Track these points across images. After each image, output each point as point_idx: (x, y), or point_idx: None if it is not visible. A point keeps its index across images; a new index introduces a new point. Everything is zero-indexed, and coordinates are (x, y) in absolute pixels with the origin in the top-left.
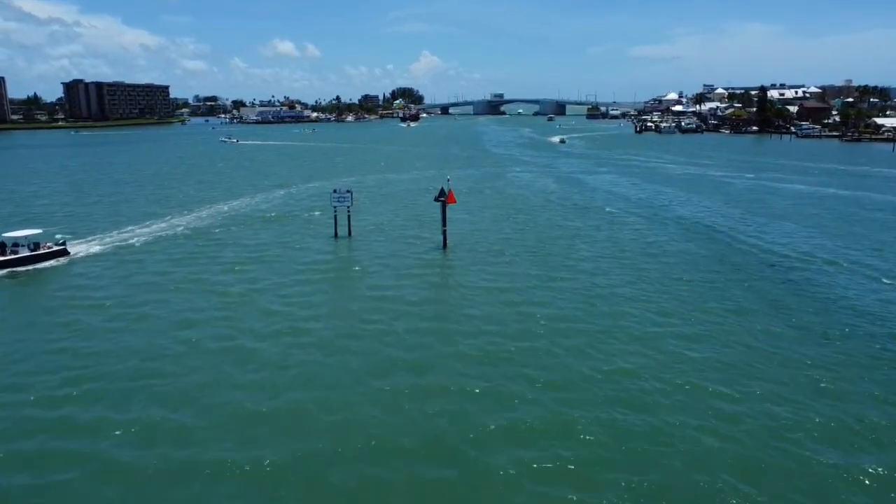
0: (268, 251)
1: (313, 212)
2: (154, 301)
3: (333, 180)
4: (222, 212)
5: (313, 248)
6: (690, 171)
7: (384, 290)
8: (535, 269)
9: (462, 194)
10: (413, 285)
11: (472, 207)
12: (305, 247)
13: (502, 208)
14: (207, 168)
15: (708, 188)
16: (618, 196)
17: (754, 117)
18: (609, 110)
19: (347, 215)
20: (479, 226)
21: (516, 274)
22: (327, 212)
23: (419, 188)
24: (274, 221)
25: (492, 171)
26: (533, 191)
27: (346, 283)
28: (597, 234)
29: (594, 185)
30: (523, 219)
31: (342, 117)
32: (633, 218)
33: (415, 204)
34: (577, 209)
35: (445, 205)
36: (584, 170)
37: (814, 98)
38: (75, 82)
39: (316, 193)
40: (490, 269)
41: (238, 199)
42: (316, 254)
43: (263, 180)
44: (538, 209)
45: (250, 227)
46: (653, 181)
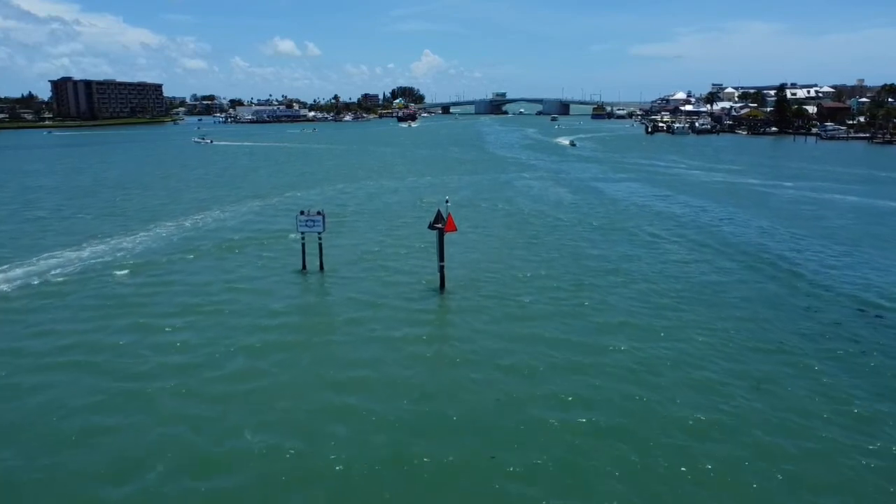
0: (215, 296)
1: (287, 234)
2: (15, 386)
3: (318, 189)
4: (179, 232)
5: (274, 291)
6: (718, 179)
7: (355, 369)
8: (563, 328)
9: (463, 208)
10: (396, 361)
11: (475, 226)
12: (264, 289)
13: (511, 228)
14: (178, 174)
15: (748, 201)
16: (647, 211)
17: (772, 117)
18: (615, 110)
19: (319, 243)
20: (484, 254)
21: (539, 338)
22: None
23: (414, 199)
24: (235, 248)
25: (497, 177)
26: (546, 203)
27: (303, 356)
28: (634, 269)
29: (615, 195)
30: (539, 244)
31: (340, 117)
32: (672, 244)
33: (406, 222)
34: (602, 230)
35: (443, 233)
36: (600, 177)
37: (827, 97)
38: (63, 80)
39: (294, 206)
40: (502, 330)
41: (203, 212)
42: (276, 300)
43: (238, 190)
44: (555, 229)
45: (205, 255)
46: (681, 191)
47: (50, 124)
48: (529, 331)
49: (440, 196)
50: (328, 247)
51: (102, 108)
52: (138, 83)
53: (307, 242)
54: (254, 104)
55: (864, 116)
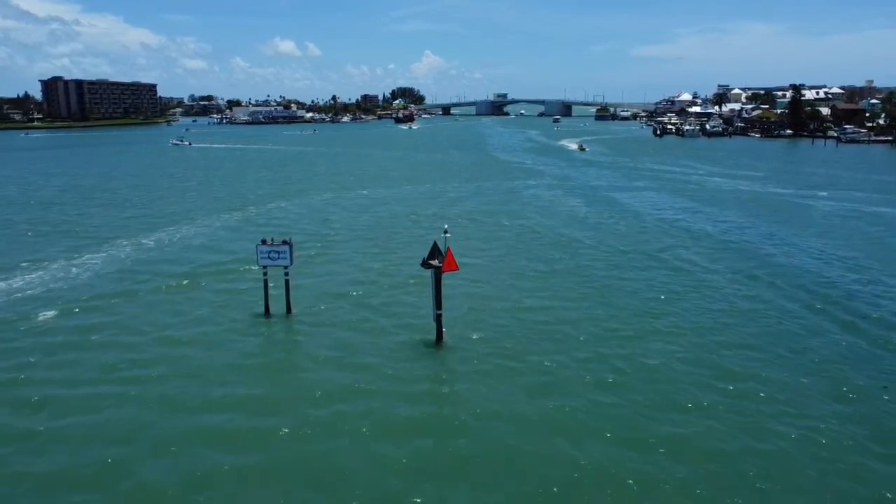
0: (150, 352)
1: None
2: None
3: (306, 199)
4: (136, 254)
5: (225, 345)
6: (743, 188)
7: (318, 488)
8: (599, 410)
9: (464, 225)
10: (374, 474)
11: (478, 248)
12: (213, 342)
13: (521, 251)
14: (154, 181)
15: (785, 215)
16: (674, 228)
17: (786, 119)
18: (620, 111)
19: (285, 280)
20: (490, 290)
21: (570, 425)
22: None
23: (410, 213)
24: (193, 279)
25: (501, 185)
26: (558, 217)
27: (248, 459)
28: (677, 313)
29: (635, 207)
30: (556, 276)
31: (338, 118)
32: (715, 275)
33: (399, 244)
34: (628, 255)
35: (440, 274)
36: (613, 185)
37: (837, 99)
38: (54, 80)
39: (275, 221)
40: (517, 403)
41: (170, 228)
42: (231, 356)
43: (216, 201)
44: (573, 254)
45: (156, 290)
46: (706, 202)
47: (38, 125)
48: (556, 414)
49: (439, 208)
50: (302, 277)
51: (94, 109)
52: (132, 83)
53: (271, 277)
54: (250, 105)
55: (883, 118)
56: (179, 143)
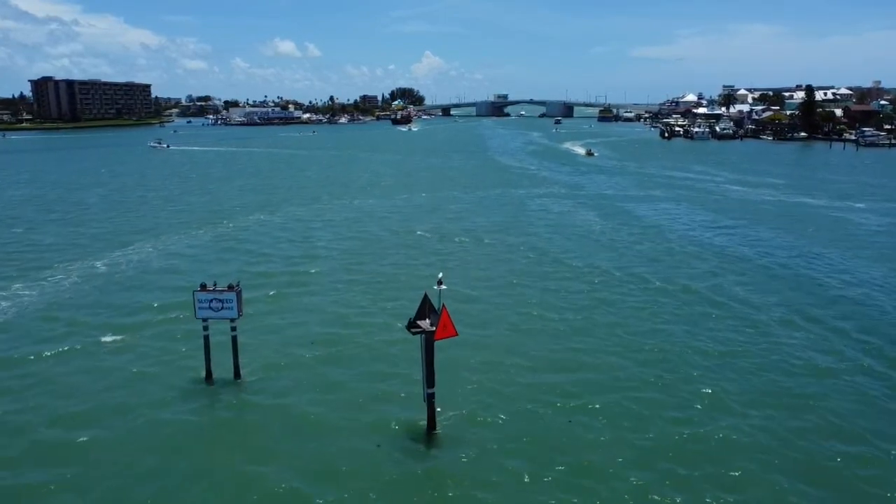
0: (44, 435)
1: None
2: None
3: (290, 210)
4: (80, 282)
5: (145, 432)
6: (768, 198)
7: None
8: None
9: (465, 249)
10: None
11: (481, 280)
12: (132, 427)
13: (533, 286)
14: (123, 189)
15: (826, 232)
16: (707, 250)
17: (798, 121)
18: (623, 112)
19: (232, 336)
20: (497, 348)
21: None
22: None
23: (401, 232)
24: (121, 331)
25: (505, 194)
26: (572, 236)
27: None
28: (748, 391)
29: (656, 222)
30: (575, 325)
31: (335, 119)
32: (764, 313)
33: (388, 274)
34: (664, 292)
35: (433, 342)
36: (628, 194)
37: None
38: (44, 80)
39: (253, 236)
40: None
41: (129, 247)
42: (147, 449)
43: (189, 212)
44: (594, 290)
45: (82, 339)
46: (732, 214)
47: (27, 126)
48: None
49: (437, 223)
50: (261, 325)
51: (85, 110)
52: (125, 83)
53: (215, 331)
54: (247, 105)
55: None
56: (157, 145)
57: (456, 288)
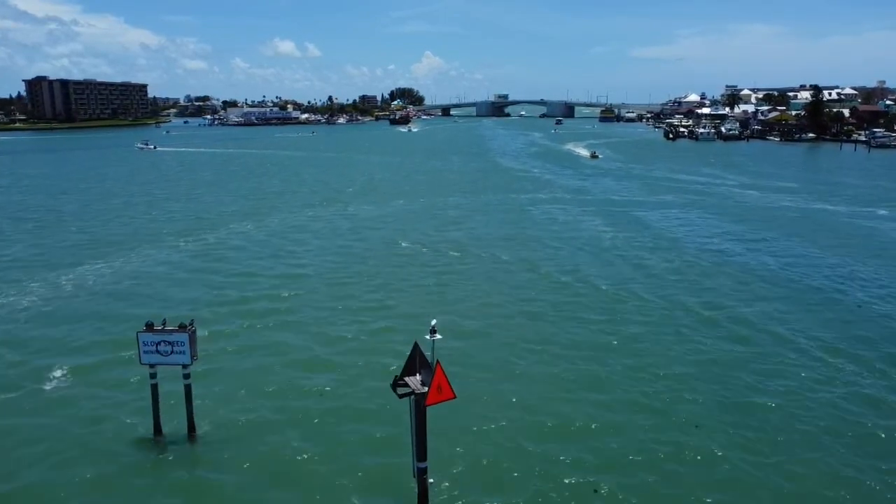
0: None
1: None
2: None
3: (278, 217)
4: (11, 314)
5: (86, 498)
6: (786, 204)
7: None
8: None
9: (464, 265)
10: None
11: (482, 308)
12: (67, 493)
13: (543, 316)
14: (105, 193)
15: (856, 243)
16: (723, 261)
17: (805, 122)
18: (624, 113)
19: (185, 385)
20: (496, 401)
21: None
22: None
23: (396, 244)
24: (64, 372)
25: (507, 200)
26: (581, 251)
27: None
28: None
29: (671, 233)
30: (586, 361)
31: (333, 119)
32: (823, 353)
33: (373, 309)
34: (680, 317)
35: (424, 408)
36: (637, 200)
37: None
38: (38, 80)
39: (223, 258)
40: None
41: (92, 263)
42: None
43: (169, 221)
44: (606, 311)
45: (6, 396)
46: (751, 223)
47: (20, 126)
48: None
49: (435, 233)
50: (225, 370)
51: (80, 110)
52: (121, 83)
53: (165, 379)
54: (245, 105)
55: None
56: (144, 147)
57: (451, 318)
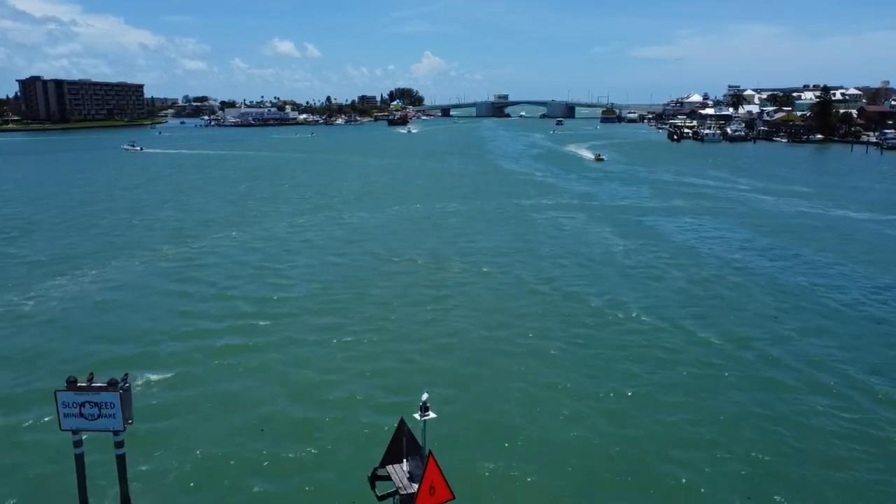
0: None
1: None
2: None
3: (259, 229)
4: None
5: None
6: (804, 209)
7: None
8: None
9: (463, 285)
10: None
11: (473, 345)
12: None
13: (542, 349)
14: (83, 198)
15: (892, 258)
16: (749, 277)
17: (813, 123)
18: (626, 113)
19: (117, 456)
20: (502, 478)
21: None
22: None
23: (388, 259)
24: None
25: (509, 205)
26: (591, 264)
27: None
28: None
29: (688, 243)
30: (604, 417)
31: (331, 120)
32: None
33: (357, 344)
34: (704, 348)
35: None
36: (646, 206)
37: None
38: (32, 80)
39: (198, 275)
40: None
41: (54, 280)
42: None
43: (146, 230)
44: (621, 344)
45: None
46: (774, 232)
47: (13, 127)
48: None
49: (432, 245)
50: (170, 432)
51: (74, 110)
52: (117, 83)
53: (92, 449)
54: (243, 106)
55: None
56: (130, 148)
57: (447, 363)
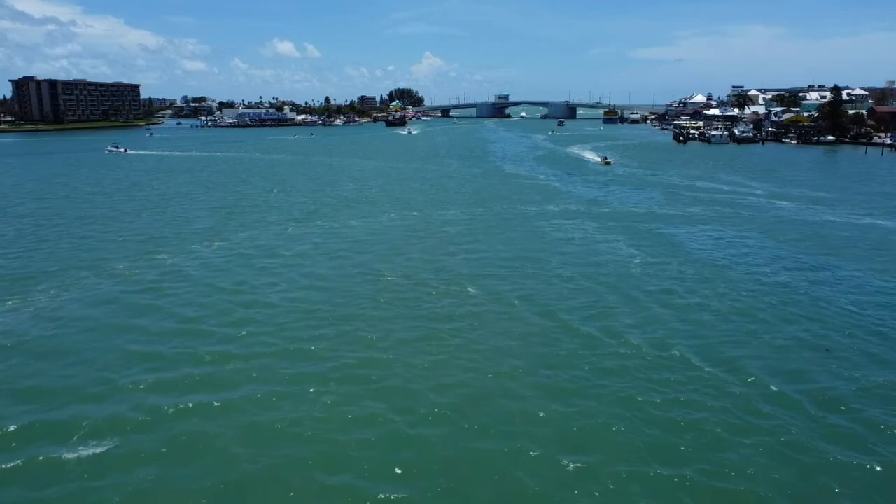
0: None
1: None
2: None
3: (240, 239)
4: None
5: None
6: (829, 217)
7: None
8: None
9: (459, 323)
10: None
11: (481, 397)
12: None
13: (566, 412)
14: (56, 203)
15: None
16: (787, 300)
17: (823, 124)
18: (628, 114)
19: None
20: None
21: None
22: None
23: (374, 279)
24: None
25: (512, 212)
26: (608, 284)
27: None
28: None
29: (709, 257)
30: None
31: (330, 121)
32: None
33: (332, 395)
34: (749, 399)
35: None
36: (660, 213)
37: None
38: (25, 80)
39: (166, 292)
40: None
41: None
42: None
43: (111, 243)
44: (660, 401)
45: None
46: (797, 243)
47: (6, 128)
48: None
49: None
50: None
51: (69, 111)
52: (112, 83)
53: None
54: (241, 106)
55: None
56: (114, 150)
57: (436, 434)
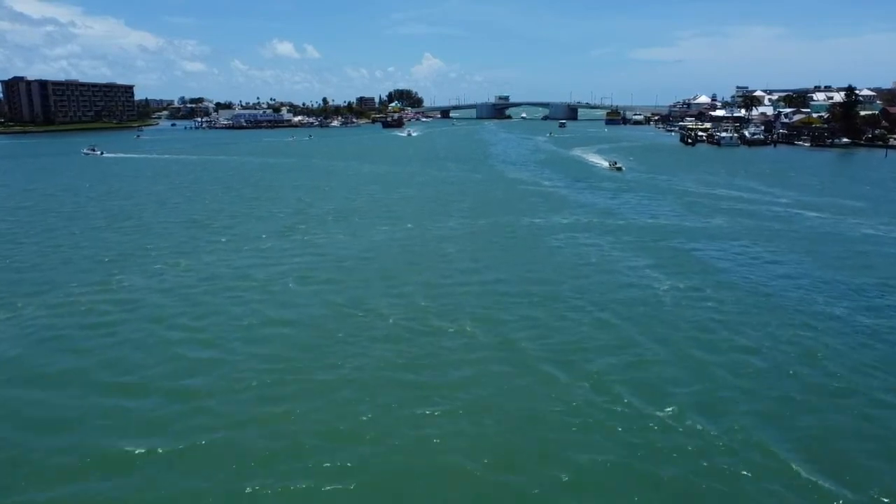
0: None
1: None
2: None
3: (212, 258)
4: None
5: None
6: (868, 231)
7: None
8: None
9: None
10: None
11: (484, 485)
12: None
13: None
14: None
15: None
16: (846, 335)
17: (837, 125)
18: (631, 115)
19: None
20: None
21: None
22: None
23: (358, 309)
24: None
25: (516, 224)
26: (633, 319)
27: None
28: None
29: (745, 280)
30: None
31: (327, 122)
32: None
33: (293, 484)
34: None
35: None
36: (681, 225)
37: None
38: (15, 80)
39: (111, 327)
40: None
41: None
42: None
43: (74, 258)
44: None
45: None
46: (839, 261)
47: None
48: None
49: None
50: None
51: (60, 112)
52: (106, 84)
53: None
54: (239, 107)
55: None
56: (91, 152)
57: None
